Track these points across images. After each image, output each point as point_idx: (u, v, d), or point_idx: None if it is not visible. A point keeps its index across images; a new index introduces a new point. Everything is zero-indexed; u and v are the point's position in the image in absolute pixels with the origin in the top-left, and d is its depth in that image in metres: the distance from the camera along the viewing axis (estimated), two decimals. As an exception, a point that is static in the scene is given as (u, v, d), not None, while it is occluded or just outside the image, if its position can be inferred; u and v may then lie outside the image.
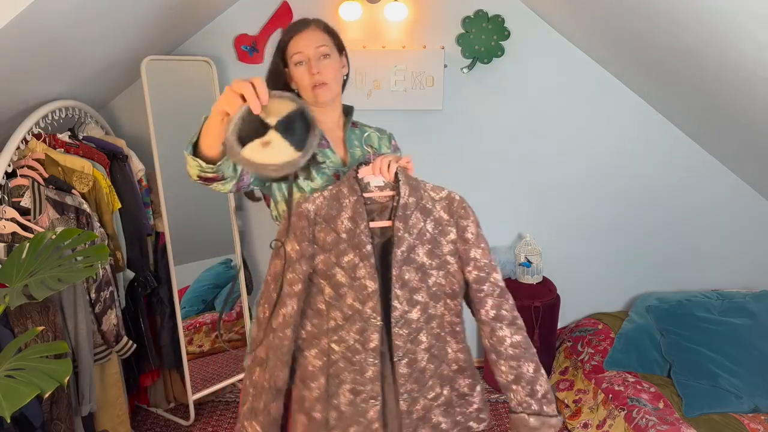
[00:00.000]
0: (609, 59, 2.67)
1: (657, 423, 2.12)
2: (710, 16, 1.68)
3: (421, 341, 1.35)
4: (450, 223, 1.34)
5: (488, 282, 1.35)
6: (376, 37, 2.71)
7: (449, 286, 1.36)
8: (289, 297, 1.30)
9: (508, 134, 2.86)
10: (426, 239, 1.33)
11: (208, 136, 1.17)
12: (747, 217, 2.91)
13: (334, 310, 1.31)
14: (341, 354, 1.32)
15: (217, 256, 2.77)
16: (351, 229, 1.29)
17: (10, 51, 1.61)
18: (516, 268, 2.86)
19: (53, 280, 1.50)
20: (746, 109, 2.14)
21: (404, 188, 1.32)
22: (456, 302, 1.37)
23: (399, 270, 1.30)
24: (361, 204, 1.30)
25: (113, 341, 2.12)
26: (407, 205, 1.31)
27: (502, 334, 1.35)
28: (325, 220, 1.30)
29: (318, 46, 1.41)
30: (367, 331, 1.30)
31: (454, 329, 1.39)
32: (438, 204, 1.35)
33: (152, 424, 2.60)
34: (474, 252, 1.34)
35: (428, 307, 1.35)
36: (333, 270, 1.30)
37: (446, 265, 1.35)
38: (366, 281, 1.29)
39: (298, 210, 1.31)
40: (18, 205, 1.88)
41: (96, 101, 2.60)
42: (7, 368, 1.29)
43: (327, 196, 1.31)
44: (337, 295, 1.31)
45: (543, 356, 2.75)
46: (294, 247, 1.30)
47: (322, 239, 1.30)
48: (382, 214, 1.34)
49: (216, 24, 2.71)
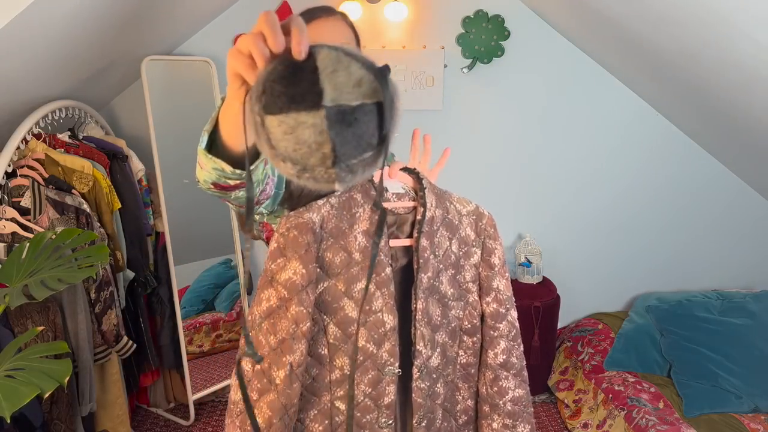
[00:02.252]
0: (609, 59, 2.67)
1: (657, 423, 2.12)
2: (710, 16, 1.68)
3: (438, 395, 1.09)
4: (476, 243, 1.10)
5: (506, 320, 1.11)
6: (376, 37, 2.71)
7: (468, 320, 1.11)
8: (297, 340, 0.96)
9: (508, 134, 2.86)
10: (450, 263, 1.07)
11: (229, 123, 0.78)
12: (747, 217, 2.91)
13: (341, 356, 1.01)
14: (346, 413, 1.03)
15: (217, 256, 2.77)
16: (365, 247, 1.00)
17: (10, 51, 1.61)
18: (516, 268, 2.86)
19: (53, 280, 1.50)
20: (746, 109, 2.14)
21: (430, 197, 1.04)
22: (474, 340, 1.12)
23: (425, 302, 1.03)
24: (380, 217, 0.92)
25: (113, 341, 2.12)
26: (434, 219, 1.04)
27: (506, 386, 1.13)
28: (333, 235, 0.99)
29: (342, 41, 1.14)
30: (383, 382, 1.01)
31: (469, 372, 1.14)
32: (465, 219, 1.10)
33: (152, 424, 2.60)
34: (497, 282, 1.10)
35: (446, 348, 1.09)
36: (341, 302, 1.00)
37: (466, 295, 1.10)
38: (383, 315, 1.00)
39: (300, 221, 0.98)
40: (18, 205, 1.88)
41: (96, 101, 2.60)
42: (7, 368, 1.29)
43: (335, 204, 1.00)
44: (345, 336, 1.00)
45: (543, 356, 2.75)
46: (299, 271, 0.96)
47: (329, 260, 0.99)
48: (400, 229, 1.05)
49: (216, 24, 2.71)
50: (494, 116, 2.83)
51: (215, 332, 2.75)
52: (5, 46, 1.55)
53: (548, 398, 2.82)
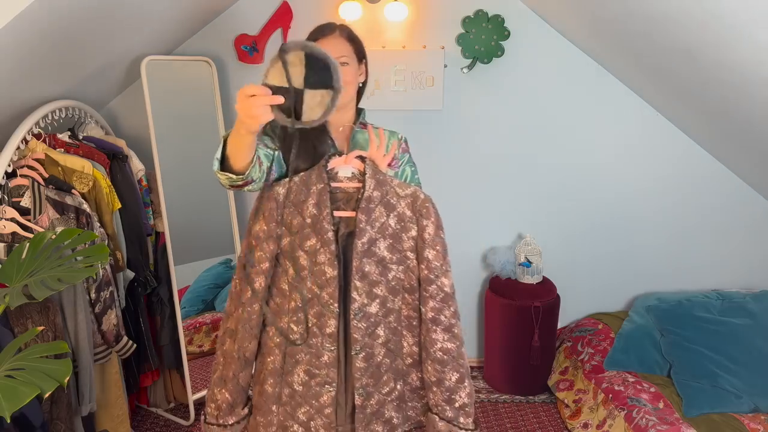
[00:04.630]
0: (609, 59, 2.67)
1: (657, 423, 2.12)
2: (710, 16, 1.68)
3: (379, 335, 1.39)
4: (412, 220, 1.37)
5: (435, 284, 1.37)
6: (376, 37, 2.71)
7: (408, 281, 1.40)
8: (257, 274, 1.36)
9: (508, 134, 2.86)
10: (388, 234, 1.36)
11: (239, 153, 1.23)
12: (747, 217, 2.91)
13: (296, 292, 1.37)
14: (299, 334, 1.37)
15: (217, 256, 2.77)
16: (315, 214, 1.34)
17: (10, 51, 1.61)
18: (516, 268, 2.86)
19: (53, 280, 1.50)
20: (746, 109, 2.14)
21: (370, 181, 1.35)
22: (414, 297, 1.40)
23: (359, 261, 1.34)
24: (326, 192, 1.35)
25: (113, 341, 2.12)
26: (371, 198, 1.34)
27: (435, 337, 1.38)
28: (294, 204, 1.36)
29: (338, 57, 1.40)
30: (325, 316, 1.34)
31: (411, 323, 1.42)
32: (403, 200, 1.37)
33: (152, 424, 2.60)
34: (428, 252, 1.36)
35: (387, 301, 1.38)
36: (297, 253, 1.36)
37: (406, 261, 1.39)
38: (325, 267, 1.33)
39: (269, 192, 1.36)
40: (18, 205, 1.88)
41: (96, 101, 2.60)
42: (7, 368, 1.29)
43: (297, 182, 1.37)
44: (299, 278, 1.36)
45: (543, 356, 2.75)
46: (262, 227, 1.36)
47: (289, 222, 1.36)
48: (348, 204, 1.38)
49: (216, 24, 2.71)
50: (494, 116, 2.83)
51: (215, 332, 2.75)
52: (5, 46, 1.55)
53: (548, 398, 2.82)
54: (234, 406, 1.45)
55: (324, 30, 1.48)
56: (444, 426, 1.40)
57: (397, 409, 1.45)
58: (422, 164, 2.88)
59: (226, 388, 1.44)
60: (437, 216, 1.38)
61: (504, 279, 2.87)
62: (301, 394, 1.39)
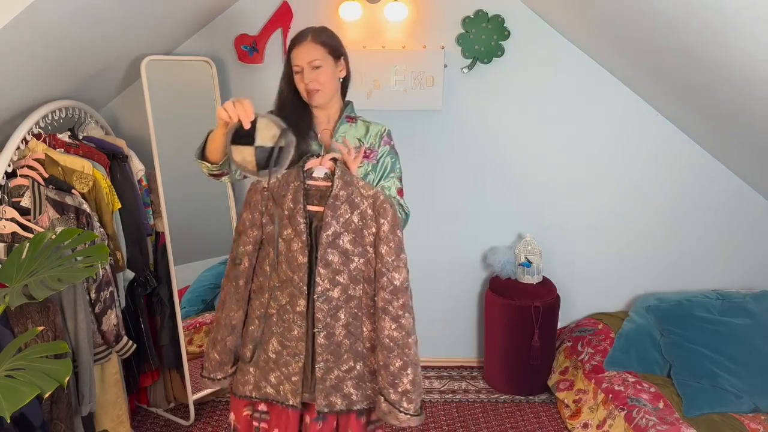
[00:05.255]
0: (609, 59, 2.67)
1: (657, 423, 2.12)
2: (711, 16, 1.68)
3: (340, 318, 1.56)
4: (373, 218, 1.54)
5: (386, 277, 1.53)
6: (376, 37, 2.71)
7: (368, 272, 1.57)
8: (242, 255, 1.60)
9: (508, 134, 2.86)
10: (351, 229, 1.54)
11: (213, 143, 1.50)
12: (747, 217, 2.91)
13: (274, 273, 1.58)
14: (276, 310, 1.59)
15: (217, 256, 2.77)
16: (291, 208, 1.54)
17: (10, 51, 1.61)
18: (516, 268, 2.86)
19: (53, 280, 1.50)
20: (747, 108, 2.14)
21: (338, 182, 1.53)
22: (372, 287, 1.57)
23: (324, 251, 1.53)
24: (300, 189, 1.55)
25: (113, 341, 2.12)
26: (338, 196, 1.52)
27: (383, 325, 1.55)
28: (276, 197, 1.56)
29: (310, 61, 1.62)
30: (295, 296, 1.55)
31: (370, 311, 1.59)
32: (366, 200, 1.54)
33: (152, 424, 2.61)
34: (383, 248, 1.53)
35: (348, 288, 1.56)
36: (276, 240, 1.56)
37: (367, 254, 1.56)
38: (298, 254, 1.54)
39: (255, 186, 1.59)
40: (18, 205, 1.88)
41: (96, 101, 2.60)
42: (7, 368, 1.29)
43: (280, 178, 1.57)
44: (277, 262, 1.57)
45: (543, 356, 2.75)
46: (248, 216, 1.59)
47: (272, 213, 1.56)
48: (321, 200, 1.56)
49: (216, 24, 2.71)
50: (494, 116, 2.83)
51: (215, 332, 2.75)
52: (5, 46, 1.55)
53: (548, 398, 2.82)
54: (222, 364, 1.68)
55: (298, 38, 1.65)
56: (386, 407, 1.56)
57: (356, 386, 1.61)
58: (422, 164, 2.90)
59: (215, 349, 1.67)
60: (394, 215, 1.54)
61: (504, 279, 2.87)
62: (274, 361, 1.61)
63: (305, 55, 1.62)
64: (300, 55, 1.63)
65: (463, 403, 2.80)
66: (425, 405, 2.77)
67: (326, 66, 1.64)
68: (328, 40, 1.66)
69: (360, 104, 2.74)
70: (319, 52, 1.63)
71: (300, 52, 1.63)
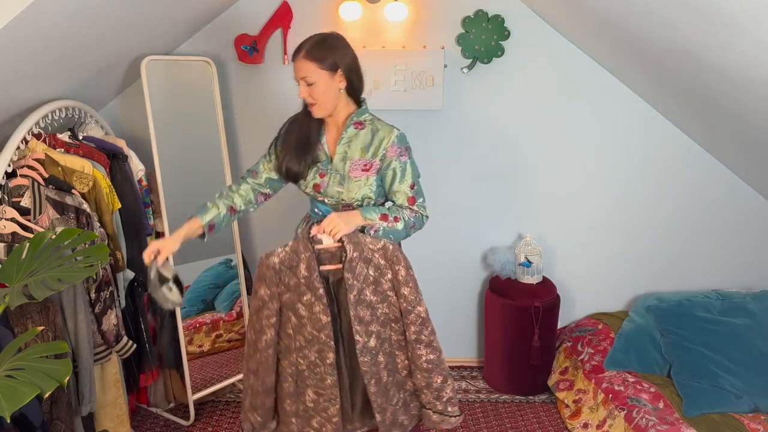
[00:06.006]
0: (609, 59, 2.67)
1: (657, 423, 2.12)
2: (711, 15, 1.68)
3: (381, 362, 1.72)
4: (387, 266, 1.69)
5: (413, 313, 1.69)
6: (376, 37, 2.71)
7: (392, 313, 1.72)
8: (267, 327, 1.70)
9: (508, 134, 2.86)
10: (370, 282, 1.68)
11: None
12: (747, 217, 2.91)
13: (299, 335, 1.70)
14: (306, 366, 1.71)
15: (217, 256, 2.77)
16: (307, 276, 1.65)
17: (10, 51, 1.61)
18: (516, 268, 2.86)
19: (53, 280, 1.50)
20: (747, 109, 2.14)
21: (349, 246, 1.65)
22: (399, 324, 1.73)
23: (355, 310, 1.66)
24: (313, 258, 1.65)
25: (113, 341, 2.12)
26: (353, 258, 1.65)
27: (420, 353, 1.72)
28: (288, 268, 1.67)
29: (302, 77, 1.67)
30: (324, 351, 1.68)
31: (401, 344, 1.76)
32: (377, 253, 1.68)
33: (152, 424, 2.61)
34: (404, 289, 1.69)
35: (381, 333, 1.71)
36: (296, 306, 1.68)
37: (388, 298, 1.71)
38: (320, 315, 1.65)
39: (266, 262, 1.67)
40: (18, 205, 1.87)
41: (96, 101, 2.60)
42: (7, 368, 1.29)
43: (288, 251, 1.67)
44: (300, 324, 1.69)
45: (543, 356, 2.75)
46: (266, 291, 1.68)
47: (287, 282, 1.68)
48: (332, 259, 1.68)
49: (216, 24, 2.71)
50: (494, 116, 2.83)
51: (215, 332, 2.75)
52: (5, 46, 1.55)
53: (548, 398, 2.83)
54: (265, 423, 1.80)
55: (295, 51, 1.68)
56: (437, 417, 1.77)
57: (404, 412, 1.80)
58: (422, 164, 2.87)
59: (257, 413, 1.78)
60: (406, 259, 1.70)
61: (504, 279, 2.87)
62: (313, 408, 1.74)
63: (298, 71, 1.67)
64: (295, 70, 1.68)
65: (463, 403, 2.80)
66: (425, 405, 2.78)
67: (319, 81, 1.66)
68: (323, 53, 1.66)
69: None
70: (310, 68, 1.65)
71: (295, 67, 1.68)
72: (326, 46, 1.67)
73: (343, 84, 1.71)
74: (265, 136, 2.90)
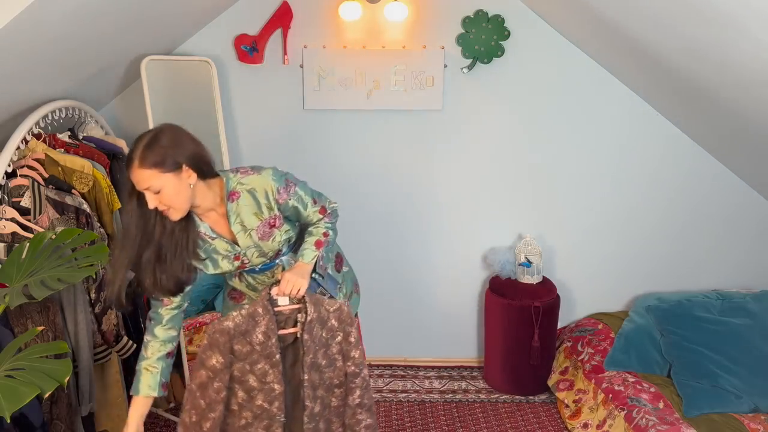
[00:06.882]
0: (609, 59, 2.67)
1: (657, 423, 2.12)
2: (711, 15, 1.68)
3: (320, 429, 1.65)
4: (339, 328, 1.62)
5: (360, 377, 1.65)
6: (376, 37, 2.71)
7: (337, 378, 1.65)
8: (217, 403, 1.54)
9: (508, 134, 2.86)
10: (322, 344, 1.61)
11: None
12: (747, 217, 2.91)
13: (245, 410, 1.58)
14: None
15: (217, 256, 2.76)
16: (263, 341, 1.54)
17: (10, 51, 1.60)
18: (516, 268, 2.86)
19: (53, 280, 1.50)
20: (747, 109, 2.14)
21: (310, 306, 1.58)
22: (341, 390, 1.66)
23: (309, 374, 1.58)
24: (273, 321, 1.55)
25: (113, 341, 2.12)
26: (313, 320, 1.58)
27: (360, 418, 1.66)
28: (242, 334, 1.54)
29: (145, 188, 1.46)
30: (273, 426, 1.58)
31: (339, 411, 1.68)
32: (332, 315, 1.62)
33: (152, 424, 2.60)
34: (354, 352, 1.64)
35: (324, 399, 1.65)
36: (246, 376, 1.56)
37: (334, 362, 1.64)
38: (274, 384, 1.56)
39: (220, 327, 1.53)
40: (18, 205, 1.87)
41: (96, 101, 2.59)
42: (7, 368, 1.29)
43: (244, 315, 1.54)
44: (249, 398, 1.57)
45: (543, 356, 2.75)
46: (219, 360, 1.53)
47: (238, 350, 1.55)
48: (287, 322, 1.60)
49: (216, 24, 2.70)
50: (494, 116, 2.83)
51: (215, 332, 2.74)
52: (5, 46, 1.55)
53: (548, 398, 2.82)
54: None
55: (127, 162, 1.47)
56: None
57: None
58: (422, 164, 2.90)
59: None
60: (357, 322, 1.69)
61: (504, 279, 2.87)
62: None
63: (139, 183, 1.46)
64: (135, 182, 1.47)
65: (463, 403, 2.80)
66: (425, 405, 2.77)
67: (166, 185, 1.45)
68: (157, 157, 1.44)
69: (360, 104, 2.76)
70: (150, 176, 1.44)
71: (134, 180, 1.46)
72: (159, 147, 1.45)
73: (193, 177, 1.51)
74: (265, 136, 2.92)
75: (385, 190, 2.91)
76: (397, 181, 2.90)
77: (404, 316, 3.08)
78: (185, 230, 1.58)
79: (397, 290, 3.04)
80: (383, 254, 2.97)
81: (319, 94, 2.74)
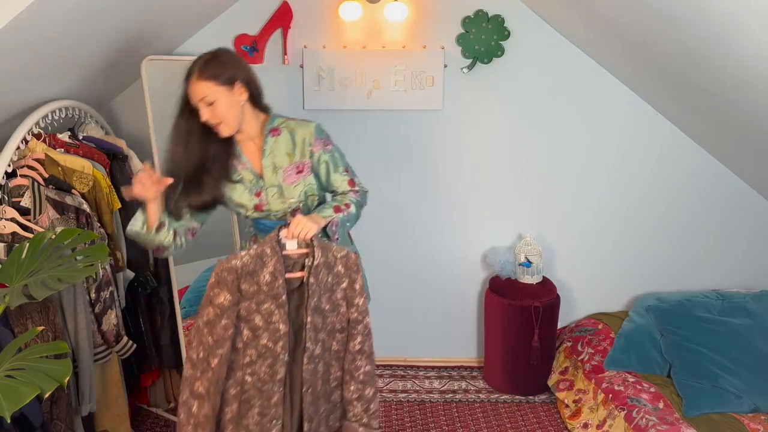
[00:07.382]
0: (609, 59, 2.67)
1: (657, 423, 2.12)
2: (711, 15, 1.68)
3: (319, 371, 1.69)
4: (345, 275, 1.66)
5: (362, 324, 1.69)
6: (376, 37, 2.71)
7: (339, 323, 1.69)
8: (224, 340, 1.56)
9: (508, 134, 2.86)
10: (327, 288, 1.64)
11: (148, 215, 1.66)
12: (747, 217, 2.91)
13: (250, 348, 1.61)
14: (252, 384, 1.61)
15: (217, 255, 2.76)
16: (270, 282, 1.57)
17: (10, 51, 1.61)
18: (516, 268, 2.86)
19: (53, 280, 1.50)
20: (747, 109, 2.14)
21: (318, 251, 1.61)
22: (342, 335, 1.70)
23: (312, 317, 1.61)
24: (281, 262, 1.57)
25: (113, 341, 2.12)
26: (320, 264, 1.61)
27: (359, 364, 1.70)
28: (249, 274, 1.57)
29: (200, 99, 1.62)
30: (276, 365, 1.61)
31: (339, 355, 1.72)
32: (339, 260, 1.65)
33: (152, 424, 2.60)
34: (358, 299, 1.68)
35: (325, 342, 1.68)
36: (252, 315, 1.59)
37: (338, 308, 1.68)
38: (279, 324, 1.58)
39: (228, 265, 1.56)
40: (18, 205, 1.87)
41: (96, 101, 2.59)
42: (7, 368, 1.29)
43: (252, 255, 1.57)
44: (254, 336, 1.60)
45: (543, 356, 2.75)
46: (227, 297, 1.56)
47: (245, 290, 1.58)
48: (294, 266, 1.62)
49: (216, 24, 2.70)
50: (494, 116, 2.83)
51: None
52: (5, 46, 1.55)
53: (548, 398, 2.82)
54: None
55: (186, 75, 1.64)
56: (362, 430, 1.72)
57: (325, 423, 1.76)
58: (422, 164, 2.90)
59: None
60: (363, 270, 1.72)
61: (504, 279, 2.87)
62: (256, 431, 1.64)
63: (195, 94, 1.62)
64: (191, 94, 1.64)
65: (463, 403, 2.80)
66: (425, 405, 2.77)
67: (220, 99, 1.62)
68: (217, 70, 1.62)
69: (360, 104, 2.76)
70: (207, 87, 1.61)
71: (191, 91, 1.63)
72: (218, 62, 1.64)
73: (245, 96, 1.68)
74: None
75: (385, 190, 2.91)
76: (397, 181, 2.90)
77: (404, 315, 3.08)
78: (227, 152, 1.73)
79: (396, 290, 3.04)
80: (383, 254, 2.97)
81: (319, 94, 2.74)
